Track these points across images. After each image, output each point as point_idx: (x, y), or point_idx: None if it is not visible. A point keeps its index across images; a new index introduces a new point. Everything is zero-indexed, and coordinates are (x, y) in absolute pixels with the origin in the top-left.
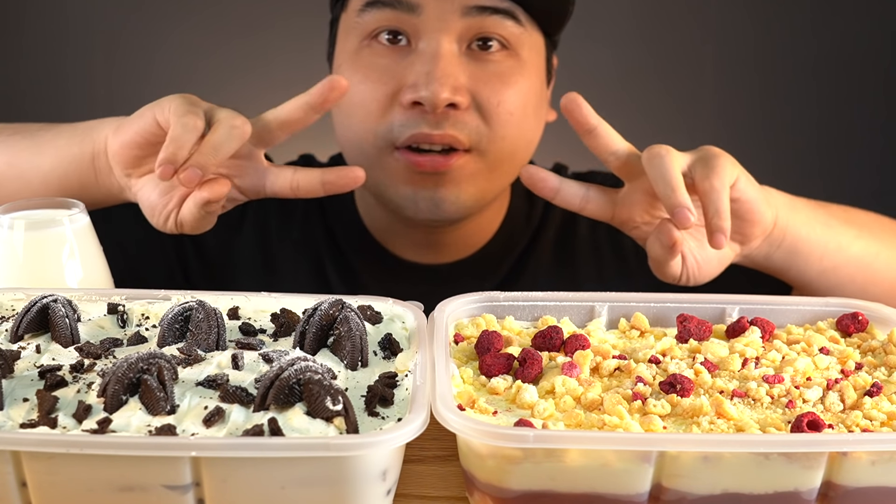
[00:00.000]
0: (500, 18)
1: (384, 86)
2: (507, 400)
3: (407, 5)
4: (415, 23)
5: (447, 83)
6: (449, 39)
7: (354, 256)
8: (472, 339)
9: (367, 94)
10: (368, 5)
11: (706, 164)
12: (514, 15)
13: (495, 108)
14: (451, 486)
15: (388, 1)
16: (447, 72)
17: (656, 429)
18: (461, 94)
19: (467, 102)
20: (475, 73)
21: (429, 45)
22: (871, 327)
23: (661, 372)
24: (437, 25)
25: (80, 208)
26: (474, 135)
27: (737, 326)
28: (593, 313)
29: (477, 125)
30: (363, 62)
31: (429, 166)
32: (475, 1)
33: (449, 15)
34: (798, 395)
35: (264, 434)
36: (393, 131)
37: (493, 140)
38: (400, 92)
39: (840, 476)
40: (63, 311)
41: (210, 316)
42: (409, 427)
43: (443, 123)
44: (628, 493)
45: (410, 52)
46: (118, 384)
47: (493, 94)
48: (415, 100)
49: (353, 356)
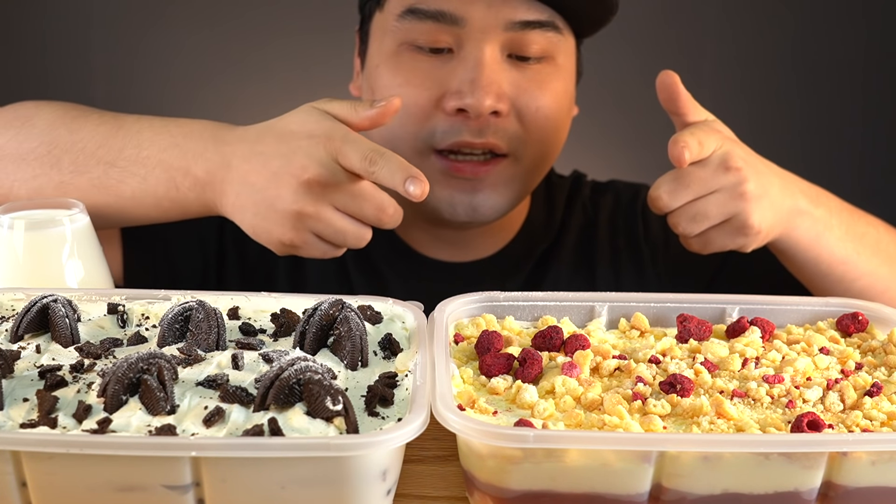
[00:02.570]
0: (540, 31)
1: (427, 91)
2: (507, 400)
3: (450, 18)
4: (458, 33)
5: (491, 91)
6: (492, 48)
7: (376, 253)
8: (472, 339)
9: (409, 98)
10: (409, 12)
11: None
12: (555, 24)
13: (534, 114)
14: (451, 486)
15: (431, 13)
16: (491, 79)
17: (656, 429)
18: (503, 101)
19: (508, 109)
20: (515, 79)
21: (472, 52)
22: (871, 327)
23: (661, 372)
24: (480, 36)
25: (80, 208)
26: (514, 141)
27: (737, 326)
28: (593, 313)
29: (516, 131)
30: (405, 66)
31: (468, 172)
32: (518, 16)
33: (492, 28)
34: (798, 395)
35: (264, 434)
36: (435, 136)
37: (531, 144)
38: (443, 98)
39: (840, 476)
40: (63, 311)
41: (210, 316)
42: (409, 427)
43: (485, 131)
44: (628, 493)
45: (453, 58)
46: (118, 384)
47: (531, 101)
48: (459, 107)
49: (353, 356)
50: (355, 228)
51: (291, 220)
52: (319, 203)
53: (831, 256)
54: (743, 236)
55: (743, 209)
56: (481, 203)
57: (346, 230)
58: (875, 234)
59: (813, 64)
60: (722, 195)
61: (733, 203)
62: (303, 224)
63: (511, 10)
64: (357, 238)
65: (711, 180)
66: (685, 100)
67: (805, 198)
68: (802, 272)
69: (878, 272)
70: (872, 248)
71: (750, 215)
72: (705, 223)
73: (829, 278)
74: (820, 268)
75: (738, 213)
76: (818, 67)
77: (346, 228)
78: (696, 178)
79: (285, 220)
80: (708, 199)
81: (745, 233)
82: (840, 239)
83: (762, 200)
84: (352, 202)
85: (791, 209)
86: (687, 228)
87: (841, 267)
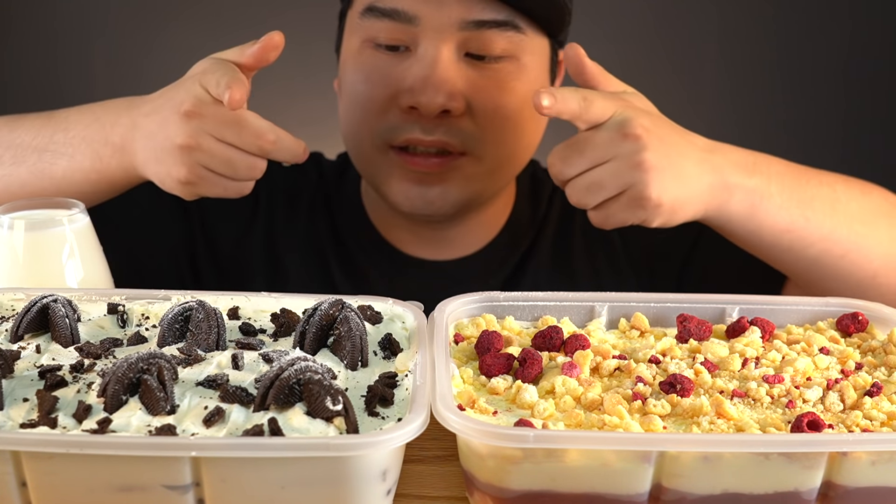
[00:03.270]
0: (498, 30)
1: (384, 88)
2: (507, 400)
3: (405, 16)
4: (413, 31)
5: (443, 89)
6: (448, 47)
7: (358, 251)
8: (472, 339)
9: (366, 94)
10: (368, 11)
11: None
12: (514, 23)
13: (491, 114)
14: (451, 486)
15: (387, 11)
16: (444, 78)
17: (656, 429)
18: (456, 100)
19: (462, 108)
20: (472, 78)
21: (427, 50)
22: (871, 327)
23: (661, 372)
24: (435, 35)
25: (80, 208)
26: (469, 140)
27: (737, 326)
28: (593, 313)
29: (472, 130)
30: (365, 63)
31: (422, 166)
32: (473, 15)
33: (446, 28)
34: (798, 395)
35: (264, 434)
36: (390, 132)
37: (490, 144)
38: (398, 95)
39: (840, 476)
40: (63, 311)
41: (210, 316)
42: (409, 427)
43: (436, 129)
44: (628, 493)
45: (410, 56)
46: (118, 384)
47: (488, 101)
48: (411, 104)
49: (353, 356)
50: (242, 157)
51: (180, 155)
52: (199, 134)
53: (774, 226)
54: (641, 209)
55: (640, 179)
56: (436, 197)
57: (232, 159)
58: (830, 195)
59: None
60: (617, 164)
61: (629, 173)
62: (191, 158)
63: (465, 10)
64: (248, 167)
65: (606, 148)
66: (593, 71)
67: (736, 169)
68: (747, 245)
69: (835, 235)
70: (826, 211)
71: (647, 186)
72: (601, 194)
73: (776, 248)
74: (764, 239)
75: (634, 183)
76: (819, 67)
77: (231, 157)
78: (590, 144)
79: (174, 156)
80: (603, 167)
81: (642, 205)
82: (781, 207)
83: (664, 172)
84: (228, 130)
85: (714, 184)
86: (582, 199)
87: (787, 235)
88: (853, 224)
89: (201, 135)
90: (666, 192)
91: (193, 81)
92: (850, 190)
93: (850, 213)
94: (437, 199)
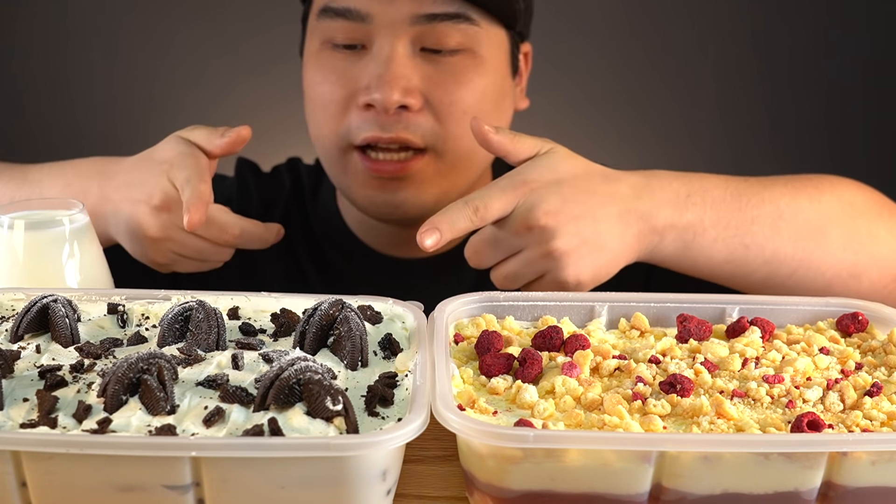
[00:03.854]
0: (451, 23)
1: (341, 88)
2: (507, 400)
3: (358, 15)
4: (367, 29)
5: (398, 85)
6: (402, 42)
7: (333, 251)
8: (472, 339)
9: (326, 95)
10: (323, 12)
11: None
12: (467, 16)
13: (448, 108)
14: (451, 486)
15: (340, 11)
16: (398, 74)
17: (656, 429)
18: (412, 95)
19: (419, 104)
20: (429, 73)
21: (381, 48)
22: (871, 327)
23: (661, 372)
24: (387, 31)
25: (79, 208)
26: (428, 135)
27: (737, 326)
28: (593, 313)
29: (431, 126)
30: (323, 64)
31: (385, 172)
32: (423, 9)
33: (398, 23)
34: (798, 395)
35: (264, 434)
36: (350, 132)
37: (448, 139)
38: (356, 94)
39: (840, 476)
40: (63, 311)
41: (210, 316)
42: (409, 427)
43: (394, 126)
44: (628, 493)
45: (365, 55)
46: (118, 384)
47: (445, 95)
48: (367, 102)
49: (353, 356)
50: (212, 248)
51: (152, 244)
52: (170, 228)
53: (711, 260)
54: (565, 288)
55: (553, 266)
56: (403, 201)
57: (201, 248)
58: (773, 212)
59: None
60: (528, 253)
61: (542, 262)
62: (164, 246)
63: (415, 5)
64: (217, 257)
65: (515, 240)
66: (500, 144)
67: (667, 207)
68: (688, 275)
69: (779, 256)
70: (768, 233)
71: (562, 271)
72: (520, 281)
73: (718, 278)
74: (703, 272)
75: (549, 269)
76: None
77: (200, 247)
78: (499, 238)
79: (148, 244)
80: (516, 258)
81: (564, 286)
82: (717, 240)
83: (578, 251)
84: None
85: (642, 232)
86: (504, 286)
87: (727, 266)
88: (799, 240)
89: (172, 228)
90: (584, 271)
91: (161, 173)
92: (797, 201)
93: (795, 229)
94: (402, 203)
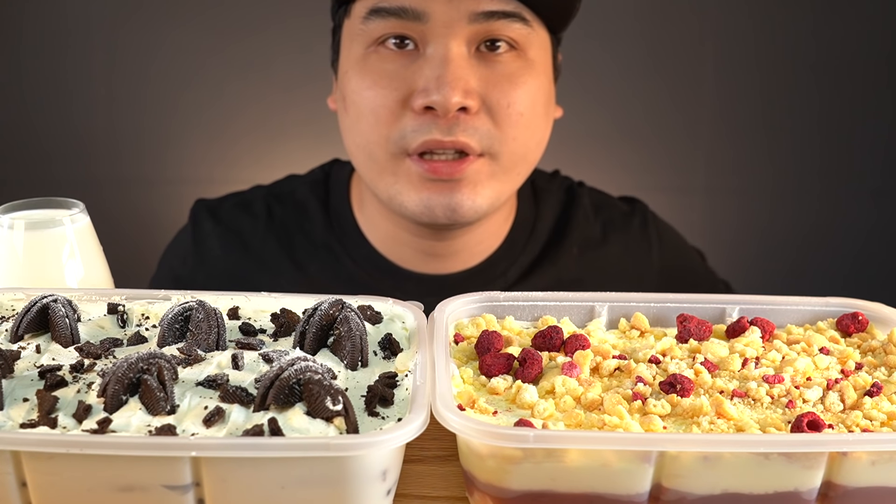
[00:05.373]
0: (507, 21)
1: (394, 91)
2: (507, 400)
3: (413, 13)
4: (422, 29)
5: (458, 87)
6: (458, 43)
7: (356, 268)
8: (472, 339)
9: (376, 100)
10: (373, 13)
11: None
12: (522, 16)
13: (505, 110)
14: (451, 486)
15: (394, 10)
16: (457, 75)
17: (656, 429)
18: (472, 97)
19: (478, 106)
20: (484, 75)
21: (437, 49)
22: (871, 327)
23: (661, 372)
24: (444, 31)
25: (80, 208)
26: (486, 139)
27: (737, 326)
28: (593, 313)
29: (488, 129)
30: (371, 68)
31: (444, 172)
32: (482, 7)
33: (456, 22)
34: (798, 395)
35: (264, 434)
36: (405, 137)
37: (505, 142)
38: (410, 97)
39: (840, 476)
40: (63, 311)
41: (210, 316)
42: (409, 427)
43: (454, 129)
44: (628, 493)
45: (419, 57)
46: (118, 384)
47: (502, 96)
48: (426, 104)
49: (353, 356)
50: None
51: None
52: None
53: None
54: None
55: None
56: (460, 203)
57: None
58: None
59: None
60: None
61: None
62: None
63: (474, 2)
64: None
65: None
66: None
67: None
68: None
69: None
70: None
71: None
72: None
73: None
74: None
75: None
76: (819, 66)
77: None
78: None
79: None
80: None
81: None
82: None
83: None
84: None
85: None
86: None
87: None
88: None
89: None
90: None
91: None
92: None
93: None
94: (458, 206)
